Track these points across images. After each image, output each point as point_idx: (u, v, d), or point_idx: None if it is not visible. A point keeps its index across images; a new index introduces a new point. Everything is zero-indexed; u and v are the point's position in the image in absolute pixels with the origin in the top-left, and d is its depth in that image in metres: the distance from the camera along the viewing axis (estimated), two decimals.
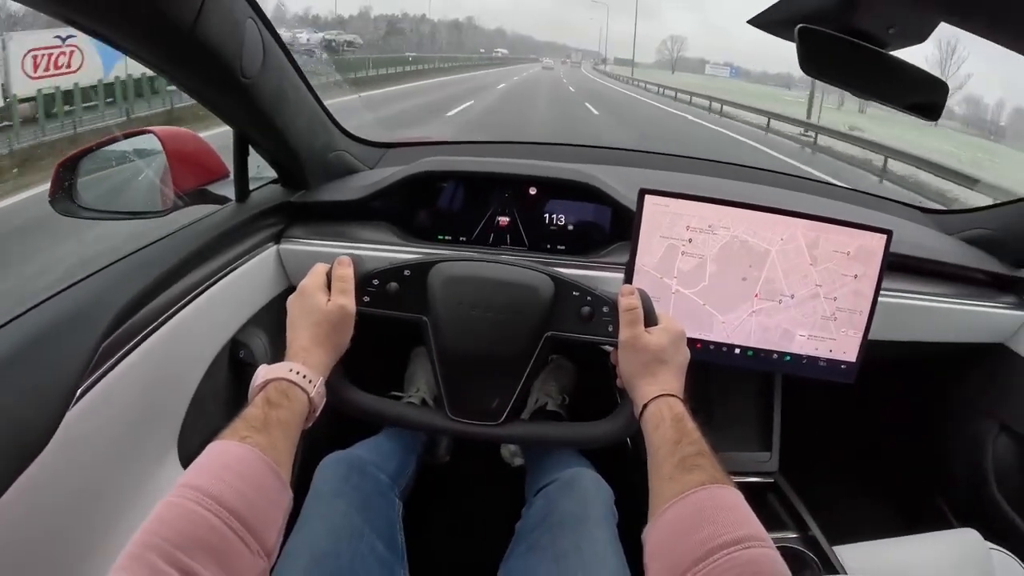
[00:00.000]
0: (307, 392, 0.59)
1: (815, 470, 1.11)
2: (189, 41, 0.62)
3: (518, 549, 0.78)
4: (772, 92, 32.08)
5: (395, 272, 0.69)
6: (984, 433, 1.11)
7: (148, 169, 0.93)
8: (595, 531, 0.75)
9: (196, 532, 0.43)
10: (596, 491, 0.83)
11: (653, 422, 0.60)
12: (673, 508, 0.51)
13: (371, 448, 0.92)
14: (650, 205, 0.85)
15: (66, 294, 0.64)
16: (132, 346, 0.67)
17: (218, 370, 0.84)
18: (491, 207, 1.01)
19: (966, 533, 0.90)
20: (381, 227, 1.00)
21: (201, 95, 0.76)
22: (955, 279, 1.06)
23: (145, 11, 0.57)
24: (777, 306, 0.87)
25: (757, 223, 0.85)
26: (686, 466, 0.53)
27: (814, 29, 0.69)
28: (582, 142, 1.51)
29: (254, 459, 0.50)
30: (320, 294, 0.66)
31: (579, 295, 0.69)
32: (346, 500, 0.77)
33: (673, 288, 0.87)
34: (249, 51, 0.73)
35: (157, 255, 0.75)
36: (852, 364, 0.88)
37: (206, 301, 0.79)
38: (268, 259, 0.94)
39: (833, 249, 0.85)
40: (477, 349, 0.69)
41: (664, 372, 0.64)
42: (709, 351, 0.88)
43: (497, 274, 0.70)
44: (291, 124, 0.88)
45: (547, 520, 0.78)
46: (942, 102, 0.74)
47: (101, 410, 0.62)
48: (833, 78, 0.72)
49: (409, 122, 9.67)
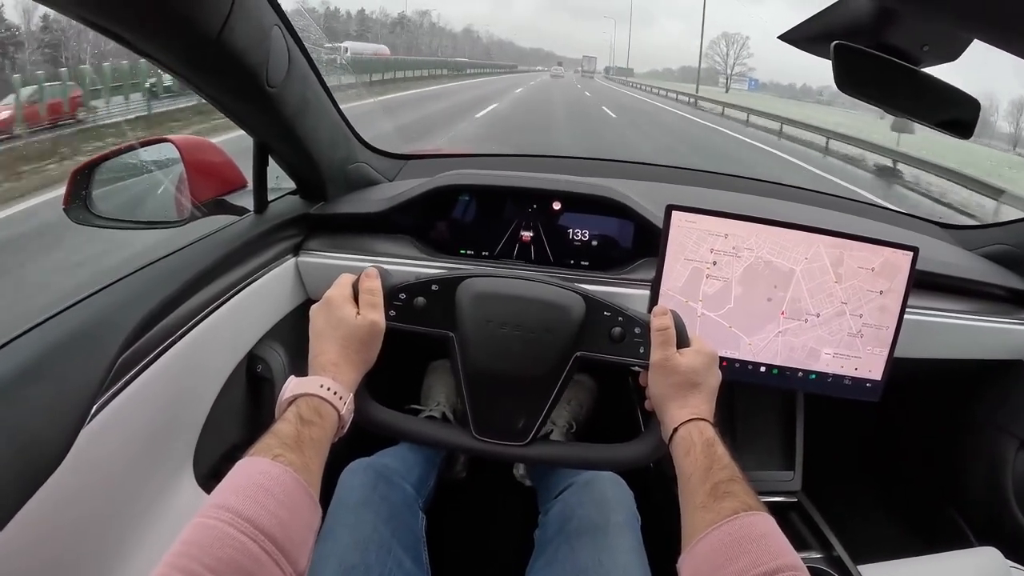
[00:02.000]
0: (338, 410, 0.57)
1: (836, 488, 1.10)
2: (215, 48, 0.61)
3: (537, 563, 0.76)
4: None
5: (423, 286, 0.68)
6: (1003, 450, 1.10)
7: (165, 178, 0.92)
8: (616, 540, 0.74)
9: (232, 555, 0.42)
10: (615, 493, 0.81)
11: (684, 447, 0.59)
12: (707, 539, 0.50)
13: (396, 457, 0.91)
14: (677, 221, 0.84)
15: (81, 306, 0.63)
16: (149, 361, 0.66)
17: (235, 385, 0.82)
18: (514, 221, 0.99)
19: (986, 551, 0.90)
20: (402, 240, 0.99)
21: (224, 104, 0.75)
22: (975, 295, 1.05)
23: (171, 17, 0.55)
24: (803, 325, 0.86)
25: (781, 243, 0.85)
26: (718, 493, 0.52)
27: (849, 46, 0.68)
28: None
29: (288, 480, 0.48)
30: (348, 306, 0.64)
31: (611, 315, 0.67)
32: (373, 511, 0.76)
33: (699, 312, 0.86)
34: (275, 59, 0.71)
35: (174, 267, 0.74)
36: (878, 382, 0.87)
37: (224, 315, 0.78)
38: (287, 272, 0.93)
39: (858, 266, 0.85)
40: (505, 368, 0.67)
41: (695, 395, 0.62)
42: (735, 369, 0.87)
43: (527, 292, 0.69)
44: (312, 134, 0.87)
45: (565, 529, 0.76)
46: (974, 119, 0.73)
47: (117, 426, 0.61)
48: (868, 95, 0.71)
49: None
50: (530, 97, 20.25)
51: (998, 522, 1.09)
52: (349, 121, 1.02)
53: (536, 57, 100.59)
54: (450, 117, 11.84)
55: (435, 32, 60.80)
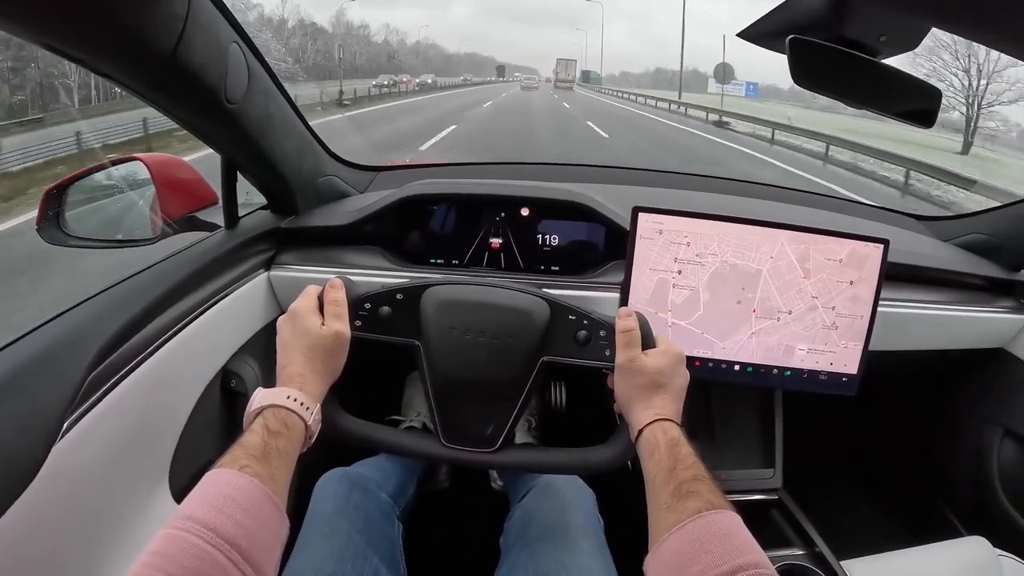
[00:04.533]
0: (304, 420, 0.57)
1: (819, 484, 1.10)
2: (170, 67, 0.61)
3: (501, 570, 0.76)
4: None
5: (387, 296, 0.68)
6: (988, 439, 1.10)
7: (137, 197, 0.92)
8: (577, 542, 0.74)
9: (197, 565, 0.42)
10: (574, 496, 0.81)
11: (648, 449, 0.59)
12: (670, 539, 0.50)
13: (372, 467, 0.91)
14: (644, 222, 0.84)
15: (51, 325, 0.63)
16: (120, 377, 0.66)
17: (209, 400, 0.82)
18: (483, 229, 1.00)
19: (974, 541, 0.89)
20: (373, 252, 0.99)
21: (185, 121, 0.75)
22: (953, 285, 1.05)
23: (123, 35, 0.55)
24: (776, 324, 0.86)
25: (744, 244, 0.85)
26: (681, 493, 0.52)
27: (805, 39, 0.68)
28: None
29: (254, 490, 0.49)
30: (313, 317, 0.64)
31: (575, 319, 0.67)
32: (348, 519, 0.76)
33: (669, 322, 0.86)
34: (233, 76, 0.71)
35: (145, 283, 0.74)
36: (853, 376, 0.87)
37: (196, 330, 0.78)
38: (259, 286, 0.93)
39: (825, 258, 0.85)
40: (471, 374, 0.67)
41: (660, 396, 0.62)
42: (708, 368, 0.87)
43: (491, 298, 0.68)
44: (279, 149, 0.87)
45: (526, 534, 0.76)
46: (935, 109, 0.73)
47: (89, 443, 0.61)
48: (825, 88, 0.71)
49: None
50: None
51: (985, 511, 1.09)
52: (317, 134, 1.02)
53: (470, 63, 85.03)
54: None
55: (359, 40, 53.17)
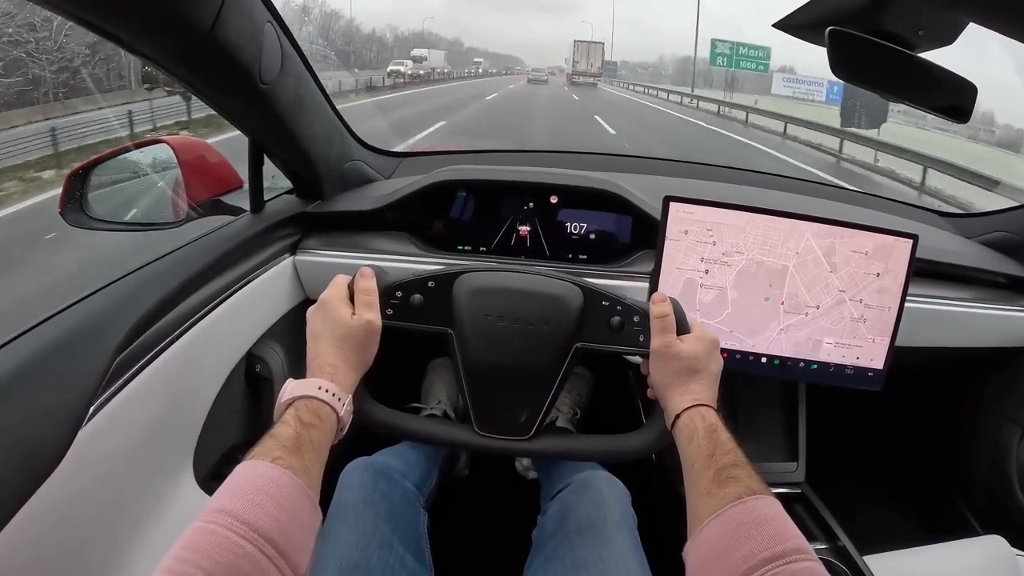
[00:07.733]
0: (336, 411, 0.57)
1: (840, 479, 1.09)
2: (207, 45, 0.60)
3: (536, 560, 0.76)
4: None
5: (419, 283, 0.67)
6: (1007, 438, 1.09)
7: (161, 180, 0.91)
8: (615, 537, 0.73)
9: (230, 559, 0.42)
10: (611, 492, 0.81)
11: (686, 434, 0.58)
12: (711, 525, 0.50)
13: (396, 455, 0.90)
14: (675, 211, 0.84)
15: (77, 307, 0.62)
16: (146, 361, 0.65)
17: (234, 385, 0.82)
18: (511, 216, 0.99)
19: (992, 540, 0.89)
20: (399, 237, 0.99)
21: (217, 102, 0.75)
22: (975, 283, 1.05)
23: (162, 12, 0.55)
24: (804, 319, 0.85)
25: (770, 240, 0.84)
26: (721, 479, 0.52)
27: (844, 32, 0.68)
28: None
29: (288, 483, 0.48)
30: (344, 307, 0.63)
31: (609, 304, 0.67)
32: (374, 509, 0.76)
33: (698, 321, 0.86)
34: (268, 56, 0.71)
35: (171, 267, 0.73)
36: (879, 371, 0.86)
37: (221, 314, 0.78)
38: (284, 271, 0.92)
39: (851, 251, 0.84)
40: (505, 361, 0.67)
41: (696, 381, 0.62)
42: (736, 360, 0.86)
43: (524, 284, 0.68)
44: (308, 132, 0.86)
45: (563, 527, 0.76)
46: (971, 104, 0.73)
47: (115, 427, 0.60)
48: (864, 81, 0.71)
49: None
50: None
51: (1004, 511, 1.09)
52: (344, 119, 1.02)
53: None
54: None
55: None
